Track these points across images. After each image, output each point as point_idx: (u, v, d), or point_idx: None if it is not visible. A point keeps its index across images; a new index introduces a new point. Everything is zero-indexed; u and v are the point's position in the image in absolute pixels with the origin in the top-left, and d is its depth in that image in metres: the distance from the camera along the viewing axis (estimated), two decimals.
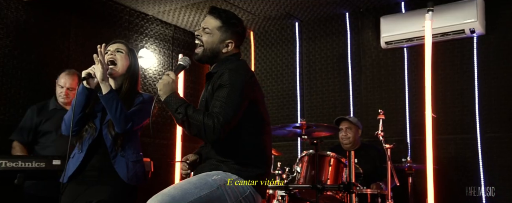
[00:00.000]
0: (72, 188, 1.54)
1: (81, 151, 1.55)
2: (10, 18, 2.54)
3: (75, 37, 2.87)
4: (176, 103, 1.32)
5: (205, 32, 1.43)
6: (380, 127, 2.19)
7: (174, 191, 1.22)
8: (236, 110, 1.29)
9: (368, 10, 3.24)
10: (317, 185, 1.80)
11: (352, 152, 1.78)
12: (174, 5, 3.16)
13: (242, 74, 1.36)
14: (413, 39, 2.96)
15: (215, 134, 1.25)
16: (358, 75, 3.26)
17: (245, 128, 1.35)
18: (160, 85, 1.35)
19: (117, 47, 1.64)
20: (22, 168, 1.93)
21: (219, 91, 1.32)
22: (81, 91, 1.49)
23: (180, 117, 1.29)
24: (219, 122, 1.26)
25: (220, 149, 1.35)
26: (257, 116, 1.38)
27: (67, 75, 2.38)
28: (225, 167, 1.32)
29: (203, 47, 1.42)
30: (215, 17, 1.44)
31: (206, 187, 1.25)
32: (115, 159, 1.54)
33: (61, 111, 2.38)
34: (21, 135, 2.29)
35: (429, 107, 2.00)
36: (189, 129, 1.29)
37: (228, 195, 1.27)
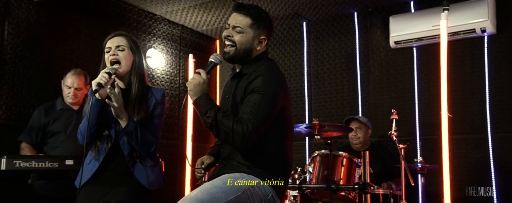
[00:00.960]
0: (89, 190, 1.53)
1: (97, 160, 1.53)
2: (21, 18, 2.55)
3: (84, 37, 2.87)
4: (206, 105, 1.28)
5: (237, 32, 1.36)
6: (393, 127, 2.17)
7: (201, 195, 1.20)
8: (266, 118, 1.27)
9: (376, 9, 3.23)
10: (331, 185, 1.79)
11: (367, 152, 1.77)
12: (182, 4, 3.16)
13: (275, 80, 1.32)
14: (423, 39, 2.95)
15: (243, 142, 1.23)
16: (366, 75, 3.24)
17: (270, 132, 1.33)
18: (191, 85, 1.31)
19: (117, 44, 1.54)
20: (36, 168, 1.93)
21: (251, 96, 1.28)
22: (94, 104, 1.45)
23: (209, 121, 1.26)
24: (248, 130, 1.23)
25: (242, 151, 1.33)
26: (283, 121, 1.36)
27: (74, 75, 2.37)
28: (247, 169, 1.30)
29: (235, 47, 1.37)
30: (244, 15, 1.37)
31: (232, 191, 1.23)
32: (134, 167, 1.52)
33: (68, 111, 2.38)
34: (29, 136, 2.29)
35: (445, 107, 1.99)
36: (217, 134, 1.27)
37: (253, 199, 1.26)
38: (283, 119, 1.36)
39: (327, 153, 2.11)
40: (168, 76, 3.42)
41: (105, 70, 1.49)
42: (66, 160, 2.00)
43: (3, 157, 1.90)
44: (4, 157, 1.90)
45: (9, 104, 2.47)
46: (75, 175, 2.03)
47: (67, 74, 2.38)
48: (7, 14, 2.47)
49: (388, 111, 3.16)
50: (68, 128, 2.32)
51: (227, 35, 1.39)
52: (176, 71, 3.50)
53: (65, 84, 2.38)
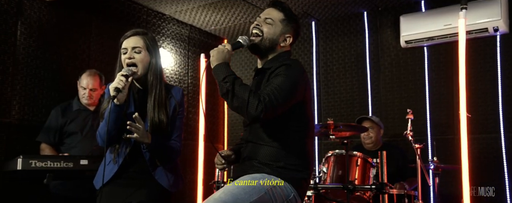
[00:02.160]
0: (110, 191, 1.52)
1: (116, 163, 1.51)
2: (33, 18, 2.55)
3: (95, 37, 2.88)
4: (226, 72, 1.27)
5: (267, 23, 1.39)
6: (408, 127, 2.16)
7: (225, 197, 1.20)
8: (285, 98, 1.25)
9: (386, 9, 3.21)
10: (348, 186, 1.79)
11: (384, 152, 1.76)
12: (192, 4, 3.16)
13: (298, 70, 1.34)
14: (434, 38, 2.94)
15: (256, 111, 1.20)
16: (376, 75, 3.23)
17: (291, 129, 1.33)
18: (214, 52, 1.31)
19: (134, 45, 1.51)
20: (51, 168, 1.94)
21: (274, 79, 1.29)
22: (113, 109, 1.43)
23: (226, 86, 1.24)
24: (264, 101, 1.22)
25: (263, 150, 1.33)
26: (304, 117, 1.36)
27: (89, 76, 2.38)
28: (269, 170, 1.29)
29: (261, 37, 1.38)
30: (278, 10, 1.41)
31: (255, 192, 1.22)
32: (155, 171, 1.51)
33: (84, 112, 2.39)
34: (47, 136, 2.30)
35: (464, 106, 1.98)
36: (232, 100, 1.24)
37: (275, 199, 1.25)
38: (304, 115, 1.36)
39: (341, 153, 2.11)
40: (177, 76, 3.42)
41: (121, 73, 1.46)
42: (81, 160, 2.01)
43: (19, 157, 1.91)
44: (20, 157, 1.90)
45: (21, 104, 2.47)
46: (90, 174, 2.04)
47: (82, 75, 2.39)
48: (19, 14, 2.48)
49: (399, 111, 3.17)
50: (85, 128, 2.33)
51: (257, 24, 1.41)
52: (185, 71, 3.49)
53: (80, 85, 2.39)
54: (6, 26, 2.42)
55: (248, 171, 1.32)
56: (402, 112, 3.16)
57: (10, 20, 2.44)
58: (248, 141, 1.39)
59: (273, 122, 1.32)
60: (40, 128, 2.40)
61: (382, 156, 1.75)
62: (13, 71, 2.43)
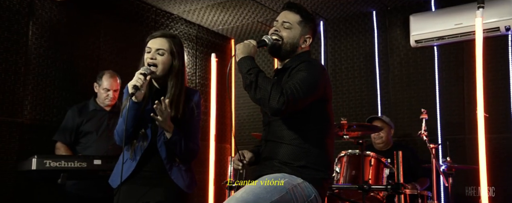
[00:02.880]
0: (126, 190, 1.52)
1: (134, 160, 1.52)
2: (45, 18, 2.56)
3: (104, 36, 2.88)
4: (250, 64, 1.29)
5: (285, 27, 1.40)
6: (423, 127, 2.15)
7: (247, 196, 1.21)
8: (307, 92, 1.26)
9: (396, 8, 3.20)
10: (363, 186, 1.78)
11: (400, 152, 1.76)
12: (200, 4, 3.16)
13: (319, 68, 1.35)
14: (444, 38, 2.92)
15: (278, 104, 1.21)
16: (386, 74, 3.22)
17: (312, 128, 1.33)
18: (240, 45, 1.34)
19: (158, 47, 1.51)
20: (65, 168, 1.94)
21: (295, 74, 1.30)
22: (131, 106, 1.44)
23: (250, 78, 1.26)
24: (286, 94, 1.23)
25: (283, 150, 1.32)
26: (325, 116, 1.36)
27: (110, 78, 2.41)
28: (289, 169, 1.29)
29: (282, 42, 1.39)
30: (294, 12, 1.42)
31: (276, 191, 1.22)
32: (171, 171, 1.52)
33: (100, 112, 2.41)
34: (63, 136, 2.32)
35: (482, 106, 1.97)
36: (255, 92, 1.26)
37: (296, 199, 1.25)
38: (325, 113, 1.36)
39: (354, 153, 2.10)
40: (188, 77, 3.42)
41: (140, 71, 1.47)
42: (94, 160, 2.01)
43: (34, 157, 1.91)
44: (35, 157, 1.91)
45: (33, 104, 2.48)
46: (104, 174, 2.05)
47: (103, 77, 2.41)
48: (31, 14, 2.48)
49: (409, 111, 3.16)
50: (100, 128, 2.34)
51: (275, 29, 1.41)
52: (193, 70, 3.49)
53: (102, 87, 2.40)
54: (18, 26, 2.42)
55: (268, 171, 1.32)
56: (412, 112, 3.17)
57: (22, 20, 2.44)
58: (267, 140, 1.39)
59: (293, 120, 1.33)
60: (52, 128, 2.41)
61: (398, 156, 1.74)
62: (25, 71, 2.44)
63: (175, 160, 1.54)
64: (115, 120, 2.38)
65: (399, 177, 1.71)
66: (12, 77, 2.38)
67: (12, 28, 2.39)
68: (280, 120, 1.34)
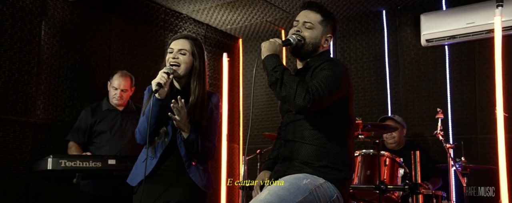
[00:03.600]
0: (147, 188, 1.52)
1: (154, 157, 1.53)
2: (57, 18, 2.56)
3: (115, 36, 2.88)
4: (276, 62, 1.30)
5: (307, 27, 1.39)
6: (438, 126, 2.14)
7: (270, 198, 1.20)
8: (331, 90, 1.26)
9: (406, 7, 3.19)
10: (380, 186, 1.77)
11: (417, 152, 1.75)
12: (209, 3, 3.15)
13: (342, 68, 1.35)
14: (456, 37, 2.91)
15: (304, 102, 1.22)
16: (396, 74, 3.21)
17: (334, 128, 1.32)
18: (266, 43, 1.34)
19: (180, 47, 1.56)
20: (80, 168, 1.95)
21: (319, 73, 1.30)
22: (155, 103, 1.47)
23: (276, 75, 1.27)
24: (312, 92, 1.23)
25: (304, 150, 1.32)
26: (347, 116, 1.36)
27: (121, 77, 2.41)
28: (310, 169, 1.29)
29: (304, 42, 1.39)
30: (315, 12, 1.41)
31: (299, 192, 1.22)
32: (190, 169, 1.54)
33: (113, 112, 2.42)
34: (77, 136, 2.33)
35: (501, 105, 1.95)
36: (280, 90, 1.26)
37: (319, 199, 1.24)
38: (346, 113, 1.35)
39: (369, 153, 2.09)
40: None
41: (163, 70, 1.51)
42: (109, 159, 2.01)
43: (49, 157, 1.92)
44: (50, 157, 1.91)
45: (46, 103, 2.48)
46: (118, 174, 2.05)
47: (114, 76, 2.42)
48: (43, 14, 2.48)
49: (419, 111, 3.14)
50: (113, 128, 2.35)
51: (297, 30, 1.41)
52: None
53: (111, 85, 2.41)
54: (31, 26, 2.43)
55: (289, 171, 1.32)
56: (423, 111, 3.15)
57: (34, 20, 2.45)
58: (287, 140, 1.38)
59: (315, 120, 1.32)
60: (64, 127, 2.42)
61: (415, 156, 1.73)
62: (37, 71, 2.44)
63: (193, 158, 1.55)
64: (128, 120, 2.39)
65: (417, 177, 1.70)
66: (25, 77, 2.38)
67: (25, 28, 2.40)
68: (301, 120, 1.34)
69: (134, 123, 2.40)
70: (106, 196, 2.21)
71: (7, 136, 2.27)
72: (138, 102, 2.63)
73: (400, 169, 2.09)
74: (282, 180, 1.28)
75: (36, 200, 2.33)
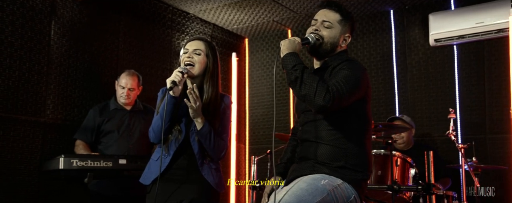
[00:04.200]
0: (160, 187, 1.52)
1: (168, 155, 1.55)
2: (66, 17, 2.56)
3: (123, 36, 2.88)
4: (295, 60, 1.29)
5: (325, 26, 1.38)
6: (450, 127, 2.13)
7: (289, 198, 1.20)
8: (350, 90, 1.26)
9: (414, 7, 3.18)
10: (393, 186, 1.77)
11: (431, 152, 1.74)
12: (217, 3, 3.15)
13: (360, 67, 1.35)
14: (464, 37, 2.90)
15: (324, 101, 1.21)
16: (403, 74, 3.20)
17: (352, 128, 1.32)
18: (285, 41, 1.33)
19: (195, 47, 1.59)
20: (91, 167, 1.95)
21: (338, 73, 1.30)
22: (169, 100, 1.49)
23: (295, 74, 1.26)
24: (332, 91, 1.22)
25: (322, 150, 1.31)
26: (365, 116, 1.35)
27: (128, 76, 2.41)
28: (327, 170, 1.28)
29: (322, 40, 1.38)
30: (334, 11, 1.40)
31: (318, 193, 1.22)
32: (202, 166, 1.55)
33: (121, 111, 2.42)
34: (85, 135, 2.33)
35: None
36: (300, 88, 1.25)
37: (337, 200, 1.24)
38: (364, 113, 1.35)
39: (379, 153, 2.09)
40: None
41: (178, 70, 1.53)
42: (120, 159, 2.02)
43: (61, 156, 1.92)
44: (62, 156, 1.92)
45: (55, 103, 2.48)
46: (128, 174, 2.05)
47: (121, 74, 2.43)
48: (53, 14, 2.49)
49: (428, 111, 3.13)
50: (121, 127, 2.35)
51: (315, 29, 1.39)
52: None
53: (119, 84, 2.42)
54: (41, 25, 2.43)
55: (306, 171, 1.31)
56: (431, 111, 3.14)
57: (44, 19, 2.45)
58: (304, 140, 1.37)
59: (333, 120, 1.31)
60: (73, 127, 2.42)
61: (429, 156, 1.73)
62: (47, 71, 2.45)
63: (206, 156, 1.56)
64: (135, 119, 2.40)
65: (430, 177, 1.69)
66: (35, 76, 2.39)
67: (35, 27, 2.40)
68: (319, 120, 1.33)
69: (141, 123, 2.40)
70: (114, 196, 2.22)
71: (17, 136, 2.27)
72: (145, 101, 2.63)
73: (411, 169, 2.08)
74: (300, 181, 1.28)
75: (45, 199, 2.33)
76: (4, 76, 2.25)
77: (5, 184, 2.19)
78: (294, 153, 1.47)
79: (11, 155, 2.23)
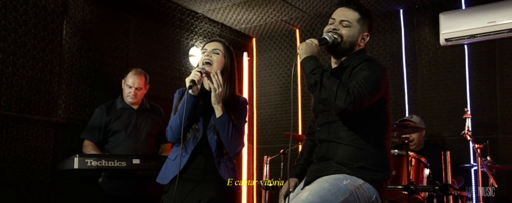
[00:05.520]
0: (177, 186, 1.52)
1: (186, 154, 1.55)
2: (77, 17, 2.56)
3: (133, 35, 2.88)
4: (314, 64, 1.29)
5: (344, 25, 1.37)
6: (466, 127, 2.12)
7: (312, 198, 1.20)
8: (371, 91, 1.25)
9: (424, 6, 3.16)
10: (410, 186, 1.76)
11: (448, 152, 1.73)
12: (226, 2, 3.15)
13: (380, 67, 1.34)
14: (476, 36, 2.87)
15: (345, 104, 1.20)
16: (413, 73, 3.18)
17: (371, 129, 1.31)
18: (303, 45, 1.33)
19: (214, 48, 1.62)
20: (106, 167, 1.95)
21: (358, 73, 1.29)
22: (188, 99, 1.50)
23: (315, 78, 1.25)
24: (352, 93, 1.22)
25: (342, 150, 1.31)
26: (385, 116, 1.35)
27: (135, 75, 2.40)
28: (348, 170, 1.27)
29: (341, 39, 1.37)
30: (353, 9, 1.39)
31: (340, 193, 1.21)
32: (220, 165, 1.56)
33: (128, 110, 2.40)
34: (92, 134, 2.32)
35: None
36: (320, 92, 1.24)
37: (359, 200, 1.24)
38: (384, 114, 1.34)
39: (394, 153, 2.08)
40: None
41: (196, 69, 1.55)
42: (133, 159, 2.01)
43: (76, 156, 1.92)
44: (76, 156, 1.92)
45: (67, 103, 2.49)
46: (142, 173, 2.05)
47: (128, 74, 2.41)
48: (65, 14, 2.49)
49: (438, 110, 3.11)
50: (129, 127, 2.34)
51: (334, 28, 1.38)
52: None
53: (126, 83, 2.41)
54: (53, 25, 2.43)
55: (326, 171, 1.30)
56: (441, 111, 3.12)
57: (56, 19, 2.45)
58: (323, 140, 1.37)
59: (353, 121, 1.31)
60: (85, 127, 2.41)
61: (446, 156, 1.72)
62: (59, 70, 2.45)
63: (223, 155, 1.57)
64: (142, 119, 2.39)
65: (447, 178, 1.68)
66: (48, 76, 2.39)
67: (47, 27, 2.40)
68: (338, 121, 1.32)
69: (148, 122, 2.39)
70: (124, 196, 2.21)
71: (30, 135, 2.27)
72: (155, 101, 2.63)
73: (425, 169, 2.07)
74: (322, 181, 1.27)
75: (58, 199, 2.34)
76: (17, 76, 2.25)
77: (19, 184, 2.20)
78: (311, 154, 1.46)
79: (24, 155, 2.24)
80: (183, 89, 1.57)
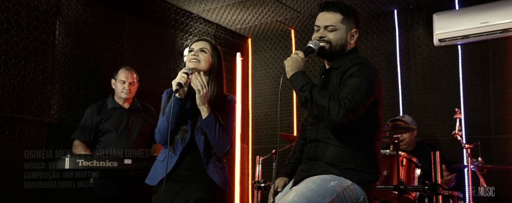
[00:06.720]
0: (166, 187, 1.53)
1: (174, 155, 1.56)
2: (71, 17, 2.56)
3: (127, 35, 2.88)
4: (302, 80, 1.28)
5: (329, 30, 1.37)
6: (456, 127, 2.13)
7: (298, 199, 1.20)
8: (363, 99, 1.24)
9: (418, 7, 3.17)
10: (400, 186, 1.76)
11: (438, 152, 1.74)
12: (220, 3, 3.15)
13: (372, 69, 1.33)
14: (469, 36, 2.89)
15: (338, 118, 1.20)
16: (407, 74, 3.19)
17: (362, 130, 1.31)
18: (289, 61, 1.32)
19: (201, 47, 1.62)
20: (97, 167, 1.95)
21: (349, 80, 1.28)
22: (175, 103, 1.50)
23: (305, 95, 1.25)
24: (345, 106, 1.21)
25: (331, 151, 1.31)
26: (376, 118, 1.35)
27: (126, 70, 2.42)
28: (336, 171, 1.28)
29: (330, 44, 1.37)
30: (334, 12, 1.38)
31: (327, 194, 1.22)
32: (208, 165, 1.56)
33: (119, 110, 2.40)
34: (83, 134, 2.31)
35: None
36: (311, 109, 1.25)
37: (346, 201, 1.24)
38: (375, 115, 1.34)
39: (385, 153, 2.08)
40: None
41: (183, 71, 1.54)
42: (125, 159, 2.01)
43: (67, 156, 1.92)
44: (68, 156, 1.92)
45: (60, 103, 2.49)
46: (134, 174, 2.05)
47: (119, 70, 2.42)
48: (58, 14, 2.49)
49: (432, 111, 3.12)
50: (120, 127, 2.34)
51: (320, 36, 1.38)
52: None
53: (118, 80, 2.40)
54: (45, 25, 2.43)
55: (314, 172, 1.31)
56: (435, 112, 3.13)
57: (49, 19, 2.45)
58: (313, 140, 1.37)
59: None
60: (77, 127, 2.41)
61: (435, 156, 1.72)
62: (52, 71, 2.45)
63: (211, 155, 1.57)
64: (134, 118, 2.39)
65: (437, 177, 1.69)
66: (40, 76, 2.39)
67: (40, 27, 2.40)
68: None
69: (140, 122, 2.39)
70: (114, 196, 2.21)
71: (22, 136, 2.27)
72: (149, 102, 2.63)
73: (417, 169, 2.08)
74: (309, 182, 1.27)
75: (50, 199, 2.33)
76: (9, 76, 2.25)
77: (11, 184, 2.19)
78: (302, 152, 1.46)
79: (17, 155, 2.24)
80: (170, 89, 1.57)
